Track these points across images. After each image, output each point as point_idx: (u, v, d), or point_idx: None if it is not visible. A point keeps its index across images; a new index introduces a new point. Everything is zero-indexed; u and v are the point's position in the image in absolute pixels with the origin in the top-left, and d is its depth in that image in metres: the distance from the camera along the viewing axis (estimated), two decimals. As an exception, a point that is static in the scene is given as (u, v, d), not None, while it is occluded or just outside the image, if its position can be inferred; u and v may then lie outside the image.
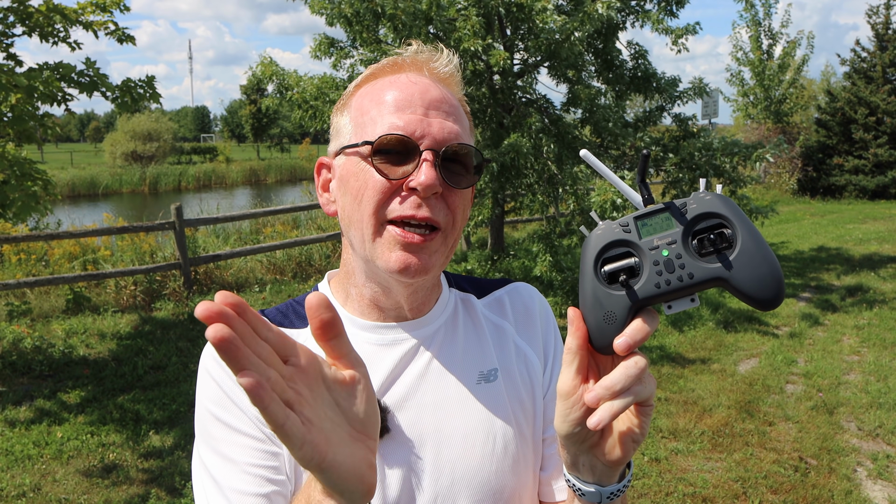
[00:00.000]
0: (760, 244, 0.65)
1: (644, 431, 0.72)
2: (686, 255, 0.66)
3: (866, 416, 4.82)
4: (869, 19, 18.95)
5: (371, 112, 0.88)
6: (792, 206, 17.35)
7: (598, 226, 0.72)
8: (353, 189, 0.87)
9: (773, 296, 0.65)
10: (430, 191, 0.83)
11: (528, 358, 1.00)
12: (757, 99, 20.67)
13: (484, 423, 0.92)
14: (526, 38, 7.16)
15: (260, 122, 56.54)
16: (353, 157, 0.88)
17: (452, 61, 0.93)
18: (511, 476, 0.92)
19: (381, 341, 0.93)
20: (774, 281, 0.65)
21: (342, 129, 0.92)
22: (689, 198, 0.68)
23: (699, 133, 8.40)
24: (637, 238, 0.69)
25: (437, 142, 0.84)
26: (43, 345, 6.22)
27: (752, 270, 0.65)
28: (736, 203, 0.68)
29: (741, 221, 0.66)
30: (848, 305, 7.76)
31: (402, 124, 0.84)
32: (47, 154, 49.08)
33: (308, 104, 7.35)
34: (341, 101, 0.95)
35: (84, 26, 5.72)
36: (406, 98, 0.86)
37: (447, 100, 0.89)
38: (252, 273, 9.15)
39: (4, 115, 4.96)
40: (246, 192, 31.67)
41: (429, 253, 0.85)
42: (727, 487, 3.89)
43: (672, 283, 0.66)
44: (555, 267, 6.81)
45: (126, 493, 3.95)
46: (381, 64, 0.93)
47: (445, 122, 0.86)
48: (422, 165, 0.83)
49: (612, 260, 0.70)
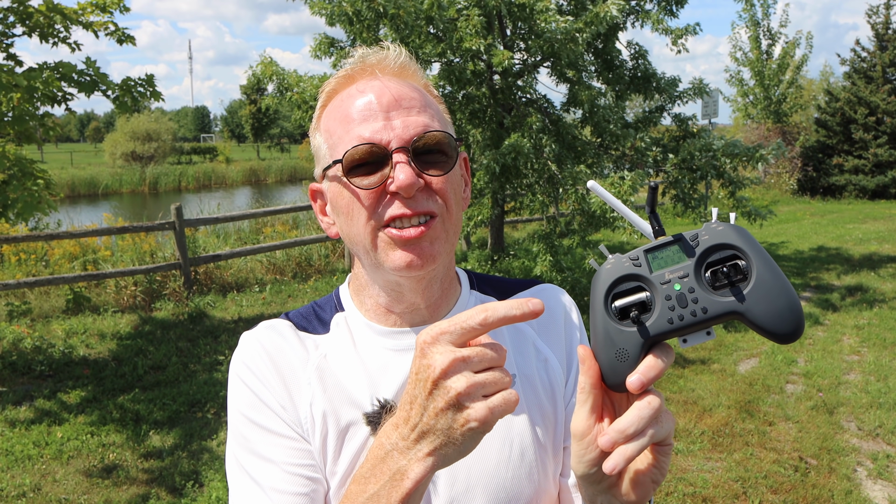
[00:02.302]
0: (777, 276, 0.63)
1: (663, 471, 0.71)
2: (699, 289, 0.64)
3: (866, 416, 4.82)
4: (869, 19, 18.96)
5: (337, 131, 0.88)
6: (792, 206, 17.35)
7: (607, 259, 0.70)
8: (342, 209, 0.89)
9: (791, 329, 0.63)
10: (412, 189, 0.83)
11: (549, 362, 0.98)
12: (756, 99, 20.68)
13: (500, 429, 0.91)
14: (526, 37, 7.16)
15: (260, 122, 56.53)
16: (333, 179, 0.89)
17: (401, 53, 0.93)
18: (527, 483, 0.91)
19: (398, 346, 0.93)
20: (792, 314, 0.63)
21: (319, 151, 0.93)
22: (701, 229, 0.67)
23: (699, 133, 8.40)
24: (648, 272, 0.67)
25: (404, 140, 0.84)
26: (43, 345, 6.22)
27: (768, 304, 0.63)
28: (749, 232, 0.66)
29: (756, 252, 0.64)
30: (848, 305, 7.76)
31: (368, 134, 0.85)
32: (47, 154, 49.09)
33: (308, 104, 7.34)
34: (313, 122, 0.96)
35: (84, 26, 5.72)
36: (364, 107, 0.87)
37: (405, 94, 0.88)
38: (252, 273, 9.16)
39: (5, 115, 4.96)
40: (246, 192, 31.67)
41: (430, 241, 0.86)
42: (727, 487, 3.89)
43: (685, 319, 0.64)
44: (555, 267, 6.81)
45: (126, 493, 3.95)
46: (334, 78, 0.94)
47: (409, 117, 0.86)
48: (395, 167, 0.83)
49: (623, 295, 0.68)
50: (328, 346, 0.94)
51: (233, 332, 6.83)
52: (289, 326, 0.95)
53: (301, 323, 0.97)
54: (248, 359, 0.92)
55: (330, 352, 0.93)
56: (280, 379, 0.90)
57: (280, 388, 0.89)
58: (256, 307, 7.88)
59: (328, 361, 0.92)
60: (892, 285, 8.62)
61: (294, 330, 0.95)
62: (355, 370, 0.91)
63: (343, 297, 1.00)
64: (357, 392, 0.89)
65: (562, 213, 7.95)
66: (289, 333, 0.94)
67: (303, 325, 0.97)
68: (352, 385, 0.90)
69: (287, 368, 0.91)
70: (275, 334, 0.94)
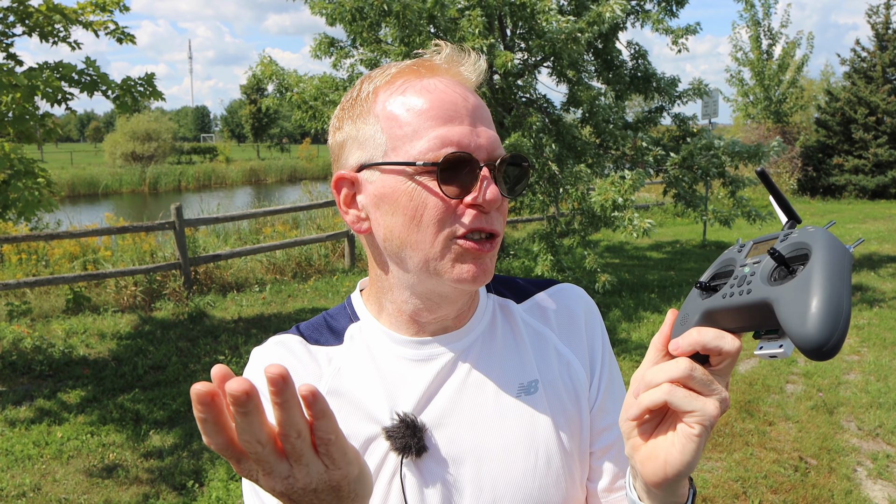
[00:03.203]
0: (829, 275, 0.56)
1: (682, 459, 0.66)
2: (759, 275, 0.63)
3: (866, 416, 4.82)
4: (869, 19, 18.95)
5: (411, 123, 0.81)
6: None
7: (732, 246, 0.73)
8: (406, 209, 0.82)
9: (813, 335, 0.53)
10: (495, 205, 0.81)
11: (571, 366, 0.96)
12: (757, 99, 20.67)
13: (525, 438, 0.89)
14: (527, 37, 7.16)
15: (260, 122, 56.54)
16: (396, 174, 0.82)
17: (481, 65, 0.89)
18: (555, 491, 0.89)
19: (417, 357, 0.90)
20: (822, 317, 0.53)
21: (369, 140, 0.84)
22: (799, 229, 0.65)
23: (699, 133, 8.40)
24: (742, 257, 0.68)
25: (489, 154, 0.82)
26: (43, 345, 6.22)
27: (801, 302, 0.55)
28: (838, 240, 0.60)
29: (824, 251, 0.58)
30: (848, 305, 7.76)
31: (456, 139, 0.80)
32: (47, 154, 49.10)
33: (308, 105, 7.35)
34: (357, 105, 0.87)
35: (84, 26, 5.72)
36: (450, 107, 0.81)
37: (483, 106, 0.85)
38: (252, 273, 9.16)
39: (5, 115, 4.96)
40: (246, 192, 31.66)
41: (490, 259, 0.85)
42: (727, 487, 3.89)
43: (734, 297, 0.64)
44: (556, 266, 6.81)
45: (126, 493, 3.95)
46: (403, 65, 0.86)
47: (490, 131, 0.84)
48: (483, 182, 0.81)
49: (720, 276, 0.70)
50: (342, 358, 0.91)
51: (233, 332, 6.83)
52: (299, 341, 0.93)
53: (312, 336, 0.94)
54: (256, 377, 0.90)
55: (344, 365, 0.91)
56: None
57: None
58: (256, 307, 7.88)
59: (342, 376, 0.90)
60: (892, 285, 8.62)
61: (305, 344, 0.93)
62: (372, 383, 0.89)
63: (357, 305, 0.97)
64: (375, 407, 0.87)
65: (562, 213, 7.95)
66: (299, 349, 0.92)
67: (314, 337, 0.94)
68: (369, 400, 0.88)
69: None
70: (284, 351, 0.92)
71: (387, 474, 0.85)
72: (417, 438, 0.84)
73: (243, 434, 0.53)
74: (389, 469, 0.85)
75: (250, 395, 0.51)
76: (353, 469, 0.60)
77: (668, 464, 0.67)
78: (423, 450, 0.85)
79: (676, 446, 0.66)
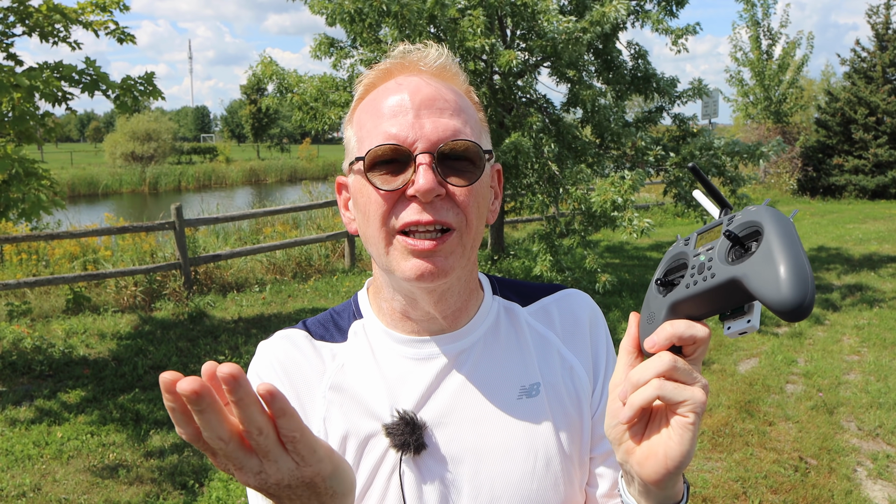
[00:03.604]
0: (786, 244, 0.60)
1: (682, 449, 0.67)
2: (717, 259, 0.65)
3: (866, 416, 4.82)
4: (869, 19, 18.94)
5: (367, 125, 0.86)
6: (792, 206, 17.35)
7: (675, 243, 0.75)
8: (361, 206, 0.86)
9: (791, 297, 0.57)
10: (431, 195, 0.79)
11: (574, 370, 0.96)
12: (757, 99, 20.67)
13: (525, 440, 0.89)
14: (528, 37, 7.16)
15: (260, 122, 56.53)
16: (357, 173, 0.86)
17: (443, 53, 0.90)
18: (553, 493, 0.89)
19: (418, 356, 0.91)
20: (794, 281, 0.57)
21: (348, 145, 0.91)
22: (741, 211, 0.67)
23: (699, 133, 8.40)
24: (691, 249, 0.70)
25: (431, 143, 0.81)
26: (43, 345, 6.22)
27: (770, 271, 0.59)
28: (780, 212, 0.64)
29: (774, 226, 0.62)
30: (848, 305, 7.76)
31: (395, 131, 0.81)
32: (47, 154, 49.08)
33: (308, 105, 7.35)
34: (348, 114, 0.94)
35: (84, 26, 5.72)
36: (397, 103, 0.84)
37: (440, 95, 0.85)
38: (252, 273, 9.16)
39: (5, 115, 4.96)
40: (246, 192, 31.67)
41: (444, 255, 0.82)
42: (727, 487, 3.89)
43: (698, 284, 0.66)
44: (555, 266, 6.81)
45: (127, 493, 3.95)
46: (373, 72, 0.91)
47: (440, 119, 0.82)
48: (418, 170, 0.79)
49: (674, 271, 0.72)
50: (346, 355, 0.92)
51: (233, 332, 6.83)
52: (305, 336, 0.94)
53: (318, 331, 0.95)
54: (261, 370, 0.91)
55: (347, 361, 0.92)
56: (294, 392, 0.89)
57: (293, 402, 0.87)
58: (256, 307, 7.88)
59: (345, 373, 0.91)
60: (892, 285, 8.62)
61: (310, 340, 0.94)
62: (374, 381, 0.90)
63: (361, 303, 0.98)
64: (376, 404, 0.88)
65: (561, 213, 7.95)
66: (304, 344, 0.93)
67: (320, 333, 0.95)
68: (370, 397, 0.88)
69: (301, 382, 0.90)
70: (290, 345, 0.93)
71: (386, 470, 0.86)
72: (417, 436, 0.85)
73: (204, 430, 0.55)
74: (388, 465, 0.86)
75: (200, 394, 0.52)
76: (326, 466, 0.61)
77: (668, 457, 0.68)
78: (422, 447, 0.86)
79: (674, 438, 0.67)
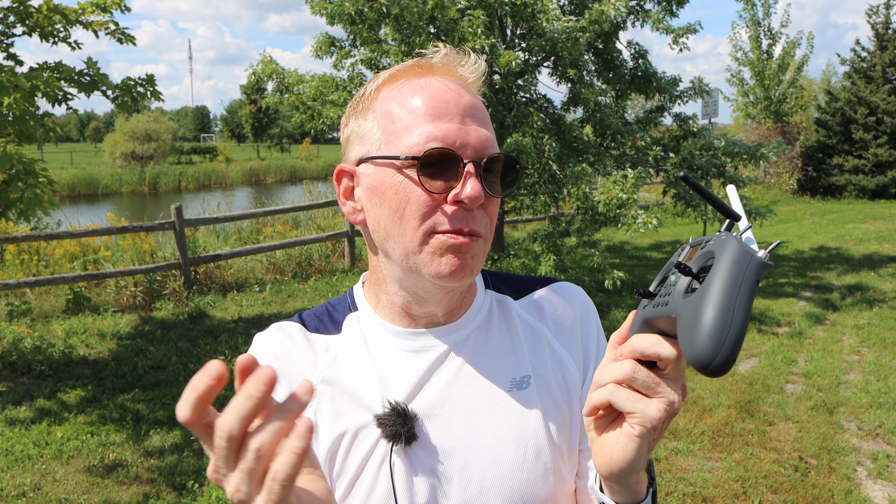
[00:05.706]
0: (724, 290, 0.55)
1: (624, 457, 0.68)
2: (677, 286, 0.63)
3: (866, 416, 4.83)
4: (869, 19, 18.95)
5: (403, 119, 0.84)
6: (792, 206, 17.35)
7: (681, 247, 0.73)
8: (391, 202, 0.84)
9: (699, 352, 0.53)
10: (477, 202, 0.82)
11: (564, 363, 0.97)
12: (757, 99, 20.69)
13: (515, 431, 0.90)
14: (528, 37, 7.15)
15: (260, 121, 56.52)
16: (386, 167, 0.85)
17: (480, 66, 0.90)
18: (542, 484, 0.90)
19: (411, 347, 0.92)
20: (709, 336, 0.53)
21: (367, 135, 0.88)
22: (714, 235, 0.64)
23: (699, 133, 8.40)
24: (676, 261, 0.69)
25: (477, 152, 0.83)
26: (43, 345, 6.22)
27: (693, 316, 0.55)
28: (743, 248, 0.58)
29: (725, 264, 0.57)
30: (848, 305, 7.76)
31: (442, 135, 0.82)
32: (47, 154, 49.09)
33: (306, 106, 7.35)
34: (362, 103, 0.90)
35: (84, 26, 5.71)
36: (441, 105, 0.83)
37: (478, 106, 0.87)
38: (252, 273, 9.16)
39: (5, 115, 4.96)
40: (246, 192, 31.67)
41: (472, 255, 0.84)
42: (727, 487, 3.89)
43: (658, 307, 0.65)
44: (558, 266, 6.82)
45: (127, 493, 3.95)
46: (405, 65, 0.90)
47: (481, 129, 0.84)
48: (466, 178, 0.81)
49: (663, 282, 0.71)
50: (339, 347, 0.93)
51: (233, 332, 6.83)
52: (299, 329, 0.95)
53: (313, 324, 0.96)
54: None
55: (341, 353, 0.93)
56: (286, 383, 0.90)
57: (285, 392, 0.87)
58: (256, 307, 7.88)
59: (338, 365, 0.92)
60: (892, 285, 8.62)
61: (304, 332, 0.95)
62: (366, 372, 0.90)
63: (357, 296, 1.00)
64: (368, 395, 0.89)
65: (562, 213, 7.95)
66: (298, 336, 0.94)
67: (315, 325, 0.96)
68: (362, 388, 0.89)
69: (294, 373, 0.91)
70: (284, 337, 0.94)
71: (376, 461, 0.87)
72: (408, 427, 0.86)
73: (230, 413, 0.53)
74: (379, 456, 0.87)
75: (272, 383, 0.52)
76: None
77: (612, 460, 0.70)
78: (412, 438, 0.86)
79: (619, 444, 0.69)
